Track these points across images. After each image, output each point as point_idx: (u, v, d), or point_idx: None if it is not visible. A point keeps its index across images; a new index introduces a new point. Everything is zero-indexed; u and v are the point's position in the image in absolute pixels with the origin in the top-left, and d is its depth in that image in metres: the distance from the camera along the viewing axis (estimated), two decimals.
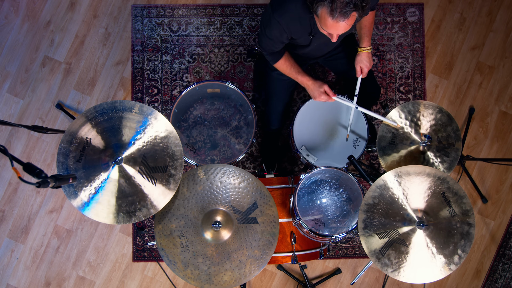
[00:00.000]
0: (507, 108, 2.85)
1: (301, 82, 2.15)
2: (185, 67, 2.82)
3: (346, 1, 1.54)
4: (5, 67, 2.79)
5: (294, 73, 2.13)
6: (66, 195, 1.65)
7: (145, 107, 1.71)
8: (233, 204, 1.78)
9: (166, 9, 2.84)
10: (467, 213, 1.71)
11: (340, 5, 1.55)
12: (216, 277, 1.73)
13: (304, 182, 2.07)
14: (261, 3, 2.85)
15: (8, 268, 2.72)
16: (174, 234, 1.75)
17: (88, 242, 2.74)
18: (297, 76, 2.14)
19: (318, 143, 2.24)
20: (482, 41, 2.87)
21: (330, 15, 1.59)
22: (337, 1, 1.55)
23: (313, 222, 2.09)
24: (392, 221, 1.70)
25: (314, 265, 2.76)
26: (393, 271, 1.67)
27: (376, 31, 2.85)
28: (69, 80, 2.81)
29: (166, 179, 1.68)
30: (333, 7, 1.56)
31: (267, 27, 1.88)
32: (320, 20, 1.65)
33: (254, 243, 1.75)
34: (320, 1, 1.58)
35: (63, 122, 2.79)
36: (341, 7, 1.55)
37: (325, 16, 1.61)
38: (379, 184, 1.72)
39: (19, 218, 2.74)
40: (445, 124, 1.97)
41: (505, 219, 2.82)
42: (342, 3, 1.55)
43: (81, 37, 2.82)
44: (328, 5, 1.57)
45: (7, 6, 2.81)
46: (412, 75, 2.85)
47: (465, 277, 2.80)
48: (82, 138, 1.68)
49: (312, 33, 1.90)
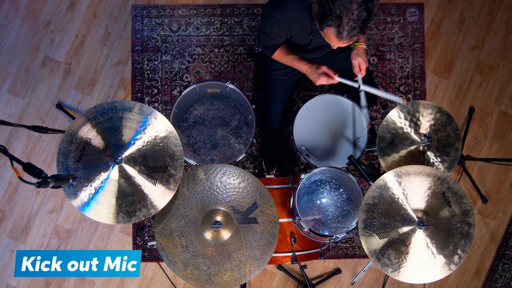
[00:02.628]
0: (507, 108, 2.85)
1: (299, 68, 2.13)
2: (185, 67, 2.82)
3: (353, 27, 1.58)
4: (5, 67, 2.79)
5: (291, 60, 2.12)
6: (66, 195, 1.65)
7: (145, 107, 1.71)
8: (233, 204, 1.78)
9: (166, 9, 2.84)
10: (467, 213, 1.71)
11: (347, 29, 1.59)
12: (216, 277, 1.73)
13: (304, 182, 2.07)
14: (261, 3, 2.85)
15: (8, 268, 2.72)
16: (174, 234, 1.75)
17: (88, 242, 2.74)
18: (294, 62, 2.12)
19: (318, 143, 2.24)
20: (482, 41, 2.87)
21: (337, 37, 1.64)
22: (345, 27, 1.58)
23: (313, 222, 2.09)
24: (392, 221, 1.70)
25: (314, 265, 2.76)
26: (393, 271, 1.67)
27: (376, 31, 2.85)
28: (69, 80, 2.81)
29: (166, 179, 1.68)
30: (340, 31, 1.60)
31: (267, 24, 1.88)
32: (325, 35, 1.70)
33: (254, 243, 1.75)
34: (327, 25, 1.61)
35: (63, 122, 2.79)
36: (348, 31, 1.59)
37: (330, 35, 1.66)
38: (379, 184, 1.72)
39: (19, 218, 2.74)
40: (445, 123, 1.97)
41: (505, 219, 2.82)
42: (350, 28, 1.58)
43: (81, 37, 2.83)
44: (336, 29, 1.61)
45: (7, 6, 2.81)
46: (412, 75, 2.85)
47: (465, 277, 2.80)
48: (82, 138, 1.68)
49: (312, 33, 1.90)
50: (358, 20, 1.56)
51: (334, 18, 1.57)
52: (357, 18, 1.56)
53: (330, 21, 1.58)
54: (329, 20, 1.58)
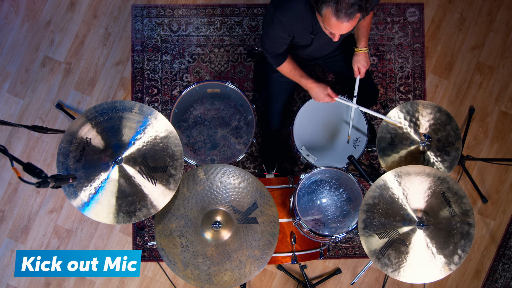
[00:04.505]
0: (507, 108, 2.85)
1: (305, 86, 2.14)
2: (185, 67, 2.82)
3: (352, 2, 1.55)
4: (5, 67, 2.79)
5: (298, 76, 2.13)
6: (66, 195, 1.65)
7: (145, 107, 1.71)
8: (233, 204, 1.78)
9: (166, 9, 2.84)
10: (467, 213, 1.71)
11: (345, 6, 1.55)
12: (216, 277, 1.73)
13: (304, 182, 2.07)
14: (261, 3, 2.85)
15: (8, 268, 2.72)
16: (174, 234, 1.76)
17: (88, 242, 2.74)
18: (300, 79, 2.13)
19: (318, 143, 2.24)
20: (482, 41, 2.87)
21: (335, 15, 1.59)
22: (343, 2, 1.55)
23: (313, 222, 2.09)
24: (392, 221, 1.70)
25: (314, 265, 2.76)
26: (393, 271, 1.67)
27: (376, 31, 2.85)
28: (69, 80, 2.81)
29: (166, 179, 1.68)
30: (338, 8, 1.56)
31: (270, 27, 1.88)
32: (324, 19, 1.66)
33: (254, 243, 1.75)
34: (325, 1, 1.58)
35: (63, 122, 2.79)
36: (346, 8, 1.56)
37: (329, 16, 1.61)
38: (379, 184, 1.72)
39: (19, 218, 2.74)
40: (444, 123, 1.97)
41: (505, 219, 2.82)
42: (348, 4, 1.55)
43: (81, 37, 2.83)
44: (333, 5, 1.57)
45: (7, 6, 2.81)
46: (412, 75, 2.85)
47: (465, 277, 2.80)
48: (82, 138, 1.68)
49: (313, 32, 1.90)
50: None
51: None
52: None
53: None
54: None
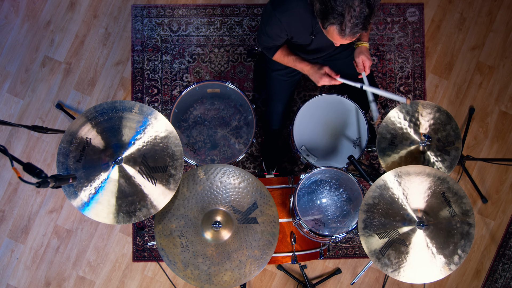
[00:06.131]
0: (507, 108, 2.85)
1: (301, 69, 2.13)
2: (185, 67, 2.82)
3: (355, 23, 1.57)
4: (5, 67, 2.79)
5: (292, 60, 2.11)
6: (66, 195, 1.65)
7: (145, 107, 1.71)
8: (233, 204, 1.78)
9: (166, 9, 2.84)
10: (467, 213, 1.71)
11: (350, 26, 1.58)
12: (216, 277, 1.73)
13: (304, 182, 2.07)
14: (261, 3, 2.85)
15: (8, 268, 2.72)
16: (174, 234, 1.75)
17: (88, 242, 2.74)
18: (295, 63, 2.11)
19: (318, 143, 2.24)
20: (482, 41, 2.87)
21: (339, 34, 1.63)
22: (347, 23, 1.57)
23: (313, 222, 2.09)
24: (392, 221, 1.70)
25: (314, 265, 2.76)
26: (393, 271, 1.67)
27: (376, 31, 2.85)
28: (69, 80, 2.81)
29: (166, 179, 1.68)
30: (342, 28, 1.59)
31: (267, 25, 1.87)
32: (327, 33, 1.69)
33: (254, 243, 1.75)
34: (330, 23, 1.60)
35: (63, 122, 2.79)
36: (350, 28, 1.58)
37: (333, 33, 1.65)
38: (379, 184, 1.71)
39: (19, 218, 2.74)
40: (444, 123, 1.97)
41: (505, 219, 2.82)
42: (352, 24, 1.57)
43: (81, 37, 2.83)
44: (338, 26, 1.60)
45: (7, 6, 2.81)
46: (412, 75, 2.85)
47: (465, 277, 2.80)
48: (82, 138, 1.68)
49: (313, 33, 1.90)
50: (360, 17, 1.56)
51: (336, 16, 1.56)
52: (359, 15, 1.55)
53: (332, 19, 1.58)
54: (331, 17, 1.58)
